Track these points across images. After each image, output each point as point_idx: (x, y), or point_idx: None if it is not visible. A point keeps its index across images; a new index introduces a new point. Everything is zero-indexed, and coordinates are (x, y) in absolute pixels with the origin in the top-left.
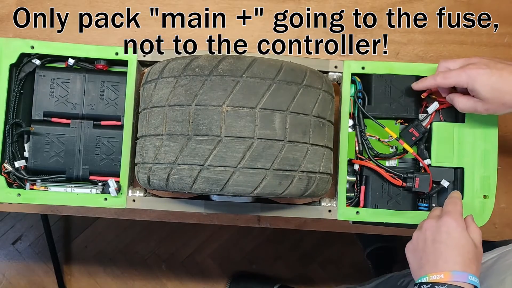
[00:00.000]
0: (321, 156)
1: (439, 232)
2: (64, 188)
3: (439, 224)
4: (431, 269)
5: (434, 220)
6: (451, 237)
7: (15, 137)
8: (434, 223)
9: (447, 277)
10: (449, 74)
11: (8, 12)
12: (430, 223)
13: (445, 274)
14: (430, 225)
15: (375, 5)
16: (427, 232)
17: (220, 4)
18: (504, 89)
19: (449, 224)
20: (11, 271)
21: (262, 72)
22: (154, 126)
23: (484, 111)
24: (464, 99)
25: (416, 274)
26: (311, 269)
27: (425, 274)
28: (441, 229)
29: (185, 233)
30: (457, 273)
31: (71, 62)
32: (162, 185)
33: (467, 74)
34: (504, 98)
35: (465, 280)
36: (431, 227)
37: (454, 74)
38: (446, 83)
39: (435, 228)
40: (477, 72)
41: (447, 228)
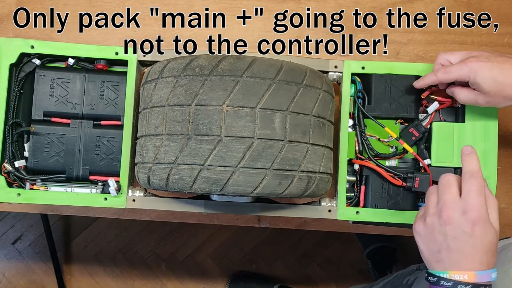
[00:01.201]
0: (321, 156)
1: (463, 230)
2: (64, 188)
3: (464, 222)
4: (453, 266)
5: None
6: (476, 238)
7: (15, 137)
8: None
9: (472, 277)
10: (450, 68)
11: (8, 12)
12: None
13: (469, 275)
14: (452, 219)
15: (375, 5)
16: (448, 227)
17: (220, 4)
18: (505, 82)
19: (476, 224)
20: (11, 271)
21: (262, 72)
22: (154, 126)
23: (485, 104)
24: (465, 91)
25: (432, 264)
26: (311, 269)
27: (446, 271)
28: (465, 228)
29: (185, 233)
30: (482, 273)
31: (71, 62)
32: (162, 185)
33: (468, 67)
34: (505, 91)
35: (489, 280)
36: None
37: (455, 68)
38: (448, 78)
39: (459, 225)
40: (479, 65)
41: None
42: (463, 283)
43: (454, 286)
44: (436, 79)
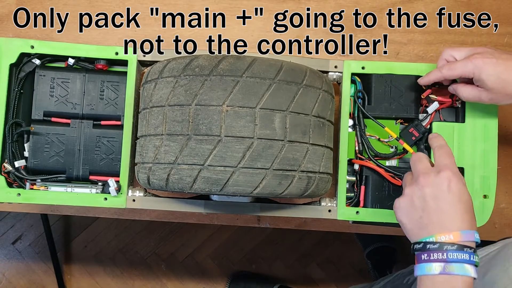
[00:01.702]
0: (321, 156)
1: (440, 189)
2: (64, 188)
3: (439, 180)
4: (437, 229)
5: (432, 175)
6: (453, 193)
7: (15, 137)
8: (433, 178)
9: (457, 237)
10: (455, 65)
11: (8, 12)
12: (428, 178)
13: (454, 235)
14: (428, 181)
15: (375, 5)
16: (425, 189)
17: (220, 4)
18: (509, 79)
19: (451, 179)
20: (11, 271)
21: (262, 72)
22: (154, 126)
23: (488, 101)
24: (468, 89)
25: (416, 234)
26: (310, 269)
27: (431, 235)
28: (442, 186)
29: (185, 233)
30: (466, 232)
31: (71, 62)
32: (162, 185)
33: (473, 64)
34: (509, 88)
35: (472, 239)
36: (430, 183)
37: (460, 65)
38: (452, 75)
39: (435, 184)
40: (484, 62)
41: (448, 183)
42: (449, 244)
43: (440, 247)
44: (441, 76)
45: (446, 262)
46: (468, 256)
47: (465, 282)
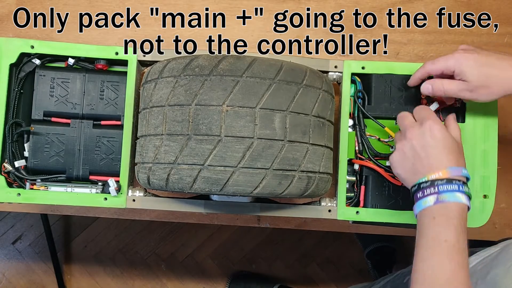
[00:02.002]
0: (321, 156)
1: (425, 137)
2: (64, 188)
3: (423, 130)
4: (428, 171)
5: (416, 127)
6: (437, 139)
7: (15, 137)
8: (418, 130)
9: (445, 173)
10: (438, 59)
11: (8, 12)
12: (413, 131)
13: (442, 172)
14: (414, 133)
15: (375, 5)
16: (413, 141)
17: (220, 4)
18: (490, 73)
19: (433, 128)
20: (11, 271)
21: (262, 72)
22: (154, 126)
23: (469, 96)
24: (449, 81)
25: (412, 181)
26: (310, 269)
27: (423, 176)
28: (426, 134)
29: (185, 233)
30: (452, 168)
31: (71, 62)
32: (162, 185)
33: (454, 57)
34: (490, 81)
35: (460, 174)
36: (416, 135)
37: (442, 58)
38: (434, 68)
39: (420, 135)
40: (465, 56)
41: (431, 132)
42: (439, 179)
43: (432, 184)
44: (424, 71)
45: (439, 193)
46: (457, 187)
47: (459, 207)
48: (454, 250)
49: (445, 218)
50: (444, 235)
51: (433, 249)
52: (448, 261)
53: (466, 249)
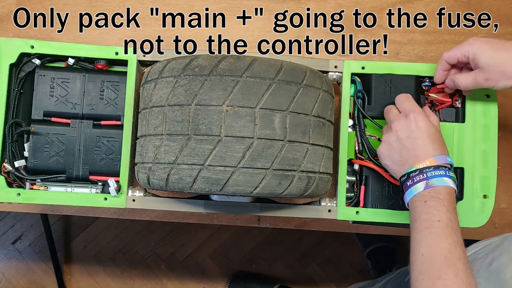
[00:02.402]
0: (321, 156)
1: (410, 129)
2: (64, 188)
3: (408, 122)
4: (415, 161)
5: (401, 119)
6: (421, 130)
7: (15, 137)
8: (403, 122)
9: (432, 162)
10: (452, 48)
11: (8, 12)
12: (398, 123)
13: (429, 160)
14: (399, 125)
15: (375, 5)
16: (399, 133)
17: (220, 4)
18: (505, 56)
19: (417, 119)
20: (11, 271)
21: (262, 72)
22: (154, 126)
23: (484, 82)
24: (464, 75)
25: (400, 171)
26: (310, 269)
27: (411, 166)
28: (411, 126)
29: (185, 233)
30: (438, 157)
31: (71, 62)
32: (162, 185)
33: (469, 43)
34: (505, 65)
35: (445, 161)
36: (402, 127)
37: (457, 47)
38: (450, 56)
39: (405, 127)
40: (479, 41)
41: (416, 123)
42: (426, 167)
43: (420, 172)
44: (443, 62)
45: (427, 179)
46: (444, 172)
47: (447, 190)
48: (448, 228)
49: (435, 200)
50: (437, 216)
51: (428, 229)
52: (444, 239)
53: (458, 228)
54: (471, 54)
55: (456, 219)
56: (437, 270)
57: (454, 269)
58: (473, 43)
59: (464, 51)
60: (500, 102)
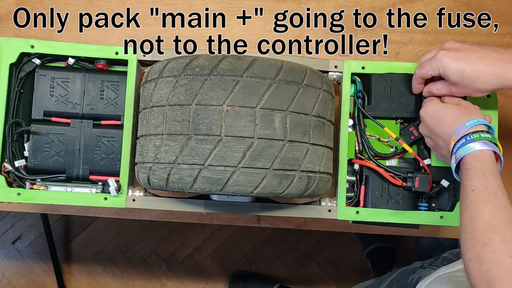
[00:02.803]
0: (321, 155)
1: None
2: (64, 188)
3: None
4: (446, 148)
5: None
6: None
7: (15, 137)
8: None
9: (454, 139)
10: (423, 64)
11: (8, 12)
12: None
13: (452, 139)
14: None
15: (375, 5)
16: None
17: (220, 4)
18: (472, 75)
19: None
20: (11, 270)
21: (262, 72)
22: (154, 126)
23: (459, 93)
24: (439, 84)
25: (447, 155)
26: (310, 268)
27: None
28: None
29: (185, 232)
30: (456, 131)
31: (71, 62)
32: (162, 185)
33: (437, 60)
34: (475, 83)
35: (464, 129)
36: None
37: (427, 63)
38: (423, 73)
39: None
40: (447, 58)
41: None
42: (453, 146)
43: (451, 152)
44: (417, 77)
45: (454, 154)
46: (464, 140)
47: (473, 155)
48: (485, 195)
49: (464, 171)
50: (469, 186)
51: (466, 201)
52: (484, 205)
53: (499, 190)
54: (441, 70)
55: (494, 180)
56: (481, 237)
57: (500, 234)
58: (442, 60)
59: (434, 68)
60: (500, 102)
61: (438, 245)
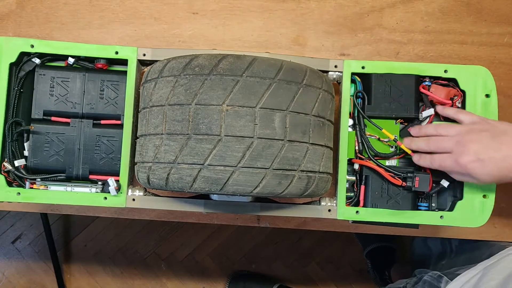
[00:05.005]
0: (321, 155)
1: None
2: (64, 187)
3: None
4: None
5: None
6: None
7: (15, 136)
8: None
9: None
10: (424, 157)
11: (8, 12)
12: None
13: None
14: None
15: (375, 5)
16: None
17: (220, 3)
18: (502, 175)
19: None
20: (11, 270)
21: (262, 72)
22: (154, 125)
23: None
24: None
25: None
26: (310, 268)
27: None
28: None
29: (185, 232)
30: None
31: (71, 61)
32: (161, 184)
33: (466, 171)
34: (505, 179)
35: None
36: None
37: (427, 158)
38: (425, 165)
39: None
40: (473, 169)
41: None
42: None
43: None
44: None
45: None
46: None
47: None
48: None
49: None
50: None
51: None
52: None
53: None
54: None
55: None
56: None
57: None
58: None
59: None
60: (500, 102)
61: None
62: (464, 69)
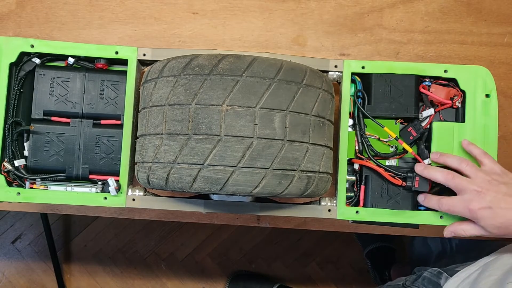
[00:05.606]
0: (321, 155)
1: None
2: (64, 187)
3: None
4: None
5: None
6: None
7: (15, 136)
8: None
9: None
10: (430, 198)
11: (8, 11)
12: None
13: None
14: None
15: (375, 5)
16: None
17: (220, 3)
18: (510, 226)
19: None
20: (11, 270)
21: (262, 72)
22: (154, 125)
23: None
24: (471, 226)
25: None
26: (310, 268)
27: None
28: None
29: (185, 232)
30: None
31: (71, 61)
32: (161, 184)
33: (474, 217)
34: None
35: None
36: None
37: (434, 201)
38: (431, 206)
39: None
40: (482, 217)
41: None
42: None
43: None
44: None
45: None
46: None
47: None
48: None
49: None
50: None
51: None
52: None
53: None
54: (450, 213)
55: None
56: None
57: None
58: (477, 219)
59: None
60: (500, 102)
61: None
62: (464, 69)
